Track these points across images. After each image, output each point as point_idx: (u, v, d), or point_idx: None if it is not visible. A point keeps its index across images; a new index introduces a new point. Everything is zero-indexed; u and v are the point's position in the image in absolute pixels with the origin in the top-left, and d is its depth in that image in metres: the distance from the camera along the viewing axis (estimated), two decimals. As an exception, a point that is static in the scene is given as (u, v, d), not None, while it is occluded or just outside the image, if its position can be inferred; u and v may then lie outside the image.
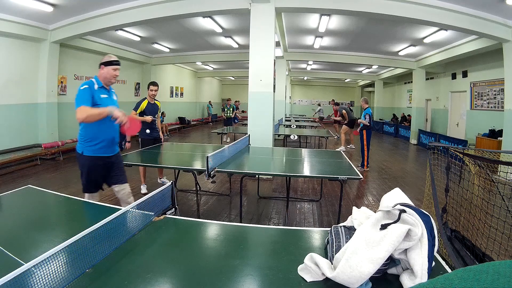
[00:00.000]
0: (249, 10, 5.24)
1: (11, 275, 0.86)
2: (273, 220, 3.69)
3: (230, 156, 3.55)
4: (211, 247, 1.38)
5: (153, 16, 5.86)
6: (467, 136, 9.21)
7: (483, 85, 8.80)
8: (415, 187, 5.27)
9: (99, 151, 2.44)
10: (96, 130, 2.40)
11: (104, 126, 2.41)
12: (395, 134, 13.67)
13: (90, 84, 2.38)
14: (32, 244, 1.36)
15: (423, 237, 0.99)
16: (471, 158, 2.46)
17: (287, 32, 8.22)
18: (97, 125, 2.36)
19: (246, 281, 1.09)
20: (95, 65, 9.11)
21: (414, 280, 0.96)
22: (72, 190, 4.63)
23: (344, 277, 0.96)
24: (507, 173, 2.12)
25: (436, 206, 2.55)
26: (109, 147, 2.51)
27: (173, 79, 14.17)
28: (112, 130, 2.50)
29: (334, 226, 1.25)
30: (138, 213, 1.51)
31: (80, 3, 5.75)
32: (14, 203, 1.94)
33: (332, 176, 2.84)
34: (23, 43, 6.57)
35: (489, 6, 5.30)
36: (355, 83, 20.87)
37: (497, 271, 0.48)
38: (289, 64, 13.98)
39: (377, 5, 5.23)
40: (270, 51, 5.32)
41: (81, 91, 2.31)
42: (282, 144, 7.63)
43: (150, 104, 4.58)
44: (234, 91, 21.43)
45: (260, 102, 5.41)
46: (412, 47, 8.95)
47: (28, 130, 6.92)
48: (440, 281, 0.50)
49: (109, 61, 2.45)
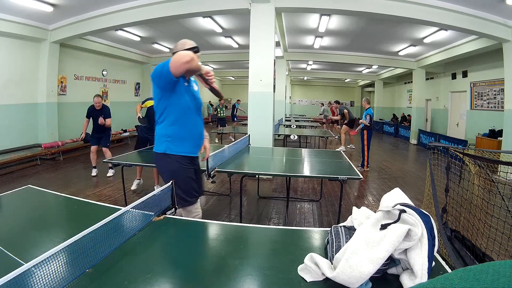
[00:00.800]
0: (249, 10, 5.24)
1: (11, 275, 0.86)
2: (273, 220, 3.68)
3: (230, 156, 3.55)
4: (211, 247, 1.38)
5: (153, 16, 5.86)
6: (467, 136, 9.21)
7: (483, 85, 8.80)
8: (415, 187, 5.27)
9: (186, 150, 2.03)
10: (184, 124, 2.00)
11: (193, 120, 2.06)
12: (395, 134, 13.67)
13: None
14: (32, 244, 1.36)
15: (423, 237, 0.99)
16: (471, 158, 2.46)
17: (287, 32, 8.22)
18: (186, 118, 2.01)
19: (246, 281, 1.09)
20: (95, 65, 9.15)
21: (414, 280, 0.96)
22: (72, 190, 4.64)
23: (344, 277, 0.96)
24: (507, 173, 2.12)
25: (436, 206, 2.56)
26: (197, 146, 2.14)
27: (173, 79, 14.14)
28: (201, 125, 2.15)
29: (334, 226, 1.24)
30: (138, 213, 1.51)
31: (80, 3, 5.75)
32: (14, 203, 1.94)
33: (332, 176, 2.84)
34: (23, 43, 6.57)
35: (489, 6, 5.30)
36: (355, 83, 20.87)
37: (497, 271, 0.48)
38: (289, 64, 13.98)
39: (377, 5, 5.23)
40: (270, 51, 5.32)
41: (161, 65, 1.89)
42: (282, 144, 7.63)
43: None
44: (234, 91, 21.42)
45: (260, 102, 5.41)
46: (412, 47, 8.95)
47: (28, 130, 6.92)
48: (440, 281, 0.50)
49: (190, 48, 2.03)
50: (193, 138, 2.07)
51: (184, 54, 1.80)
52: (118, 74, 10.11)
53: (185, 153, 2.02)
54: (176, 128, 1.99)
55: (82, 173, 5.94)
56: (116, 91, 10.02)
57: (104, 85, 9.50)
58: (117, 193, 4.54)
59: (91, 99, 5.69)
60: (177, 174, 1.96)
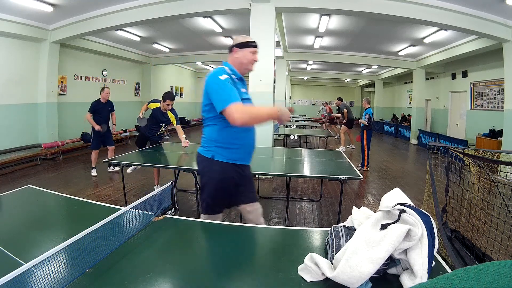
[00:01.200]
0: (249, 10, 5.24)
1: (11, 275, 0.86)
2: (273, 220, 3.68)
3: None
4: (211, 247, 1.38)
5: (153, 16, 5.85)
6: (467, 136, 9.21)
7: (483, 85, 8.80)
8: (415, 187, 5.27)
9: (236, 157, 1.87)
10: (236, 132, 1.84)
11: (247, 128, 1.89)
12: (395, 134, 13.67)
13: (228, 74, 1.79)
14: (32, 244, 1.36)
15: (423, 237, 0.99)
16: (471, 158, 2.46)
17: (287, 32, 8.22)
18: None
19: (246, 281, 1.09)
20: (95, 65, 9.14)
21: (414, 280, 0.96)
22: (72, 190, 4.64)
23: (344, 277, 0.96)
24: (507, 173, 2.12)
25: (436, 206, 2.56)
26: (249, 153, 2.00)
27: (173, 79, 14.17)
28: (253, 133, 2.01)
29: (334, 226, 1.24)
30: (138, 213, 1.51)
31: (80, 3, 5.75)
32: (14, 203, 1.94)
33: (332, 176, 2.84)
34: (23, 43, 6.57)
35: (489, 6, 5.30)
36: (355, 83, 20.87)
37: (497, 271, 0.48)
38: (289, 64, 13.98)
39: (377, 5, 5.23)
40: (270, 51, 5.32)
41: (222, 82, 1.71)
42: (282, 144, 7.63)
43: (159, 110, 4.35)
44: (234, 91, 21.36)
45: (260, 102, 5.40)
46: (412, 47, 8.95)
47: (28, 130, 6.92)
48: (440, 281, 0.50)
49: (246, 42, 1.90)
50: (245, 145, 1.93)
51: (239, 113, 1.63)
52: (118, 74, 10.11)
53: (235, 160, 1.87)
54: (227, 133, 1.82)
55: (82, 173, 5.94)
56: (116, 91, 10.00)
57: (104, 85, 9.48)
58: (117, 193, 4.54)
59: (91, 99, 5.69)
60: (218, 183, 1.85)
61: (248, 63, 1.91)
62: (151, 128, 4.56)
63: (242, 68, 1.91)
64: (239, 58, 1.89)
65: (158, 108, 4.37)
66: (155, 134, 4.58)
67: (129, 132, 10.13)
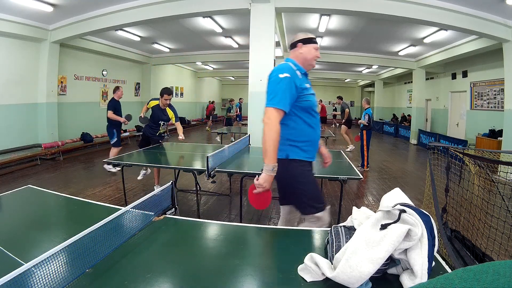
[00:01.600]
0: (249, 10, 5.24)
1: (11, 275, 0.86)
2: (273, 220, 3.68)
3: (230, 156, 3.55)
4: (211, 247, 1.38)
5: (153, 16, 5.85)
6: (467, 136, 9.21)
7: (483, 85, 8.80)
8: (415, 187, 5.27)
9: (308, 155, 1.85)
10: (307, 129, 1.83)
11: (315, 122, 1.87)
12: (395, 134, 13.67)
13: (291, 73, 1.73)
14: (32, 244, 1.36)
15: (423, 237, 0.99)
16: (471, 158, 2.46)
17: (287, 32, 8.22)
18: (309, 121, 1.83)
19: (246, 281, 1.09)
20: (95, 65, 9.15)
21: (414, 280, 0.96)
22: (72, 190, 4.64)
23: (344, 277, 0.96)
24: (507, 173, 2.12)
25: (436, 206, 2.56)
26: (316, 151, 1.96)
27: (173, 79, 14.17)
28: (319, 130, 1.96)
29: (334, 226, 1.24)
30: (138, 213, 1.51)
31: (80, 3, 5.75)
32: (14, 203, 1.94)
33: (332, 176, 2.84)
34: (23, 43, 6.57)
35: (489, 6, 5.30)
36: (355, 83, 20.87)
37: (497, 271, 0.48)
38: (289, 64, 13.96)
39: (377, 5, 5.23)
40: (270, 51, 5.32)
41: (281, 80, 1.69)
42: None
43: (158, 107, 4.44)
44: (234, 91, 21.41)
45: (261, 102, 5.38)
46: (412, 47, 8.95)
47: (28, 130, 6.92)
48: (440, 281, 0.50)
49: (309, 38, 1.88)
50: (314, 142, 1.90)
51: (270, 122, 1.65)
52: (118, 74, 10.11)
53: (308, 158, 1.85)
54: (299, 131, 1.81)
55: (82, 173, 5.94)
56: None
57: (104, 85, 9.50)
58: (117, 193, 4.54)
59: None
60: (301, 180, 1.81)
61: (312, 59, 1.89)
62: (152, 128, 4.60)
63: (306, 63, 1.89)
64: (303, 54, 1.87)
65: (157, 105, 4.48)
66: (155, 133, 4.62)
67: (129, 132, 10.13)
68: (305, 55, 1.86)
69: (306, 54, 1.86)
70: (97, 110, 9.14)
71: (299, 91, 1.74)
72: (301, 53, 1.87)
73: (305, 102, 1.80)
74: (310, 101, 1.83)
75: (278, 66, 1.78)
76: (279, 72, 1.72)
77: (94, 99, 9.07)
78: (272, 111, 1.66)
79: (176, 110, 4.60)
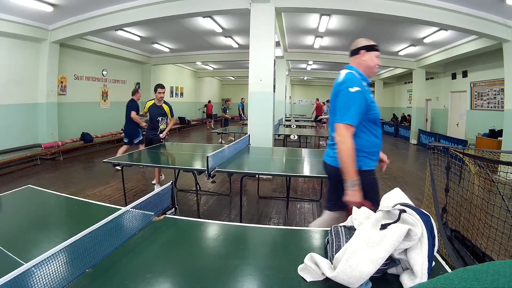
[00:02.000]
0: (249, 10, 5.24)
1: (11, 275, 0.86)
2: (273, 220, 3.68)
3: (230, 156, 3.55)
4: (211, 247, 1.38)
5: (153, 16, 5.85)
6: (467, 136, 9.21)
7: (483, 85, 8.80)
8: (415, 187, 5.27)
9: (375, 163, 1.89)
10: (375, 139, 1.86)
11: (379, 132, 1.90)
12: (395, 134, 13.67)
13: (361, 86, 1.74)
14: (32, 244, 1.36)
15: (423, 237, 0.99)
16: (471, 158, 2.46)
17: (287, 32, 8.22)
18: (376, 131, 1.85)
19: (246, 281, 1.09)
20: (95, 65, 9.15)
21: (414, 280, 0.96)
22: (72, 190, 4.64)
23: (344, 277, 0.96)
24: (507, 173, 2.12)
25: (436, 206, 2.56)
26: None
27: (173, 79, 14.16)
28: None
29: (334, 226, 1.25)
30: (138, 213, 1.51)
31: (80, 3, 5.75)
32: (14, 203, 1.94)
33: (332, 176, 2.83)
34: (23, 43, 6.57)
35: (489, 6, 5.30)
36: (355, 83, 20.84)
37: (497, 271, 0.48)
38: (289, 64, 13.97)
39: (377, 5, 5.23)
40: (270, 51, 5.32)
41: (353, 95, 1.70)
42: (282, 144, 7.63)
43: (155, 106, 4.69)
44: (234, 91, 21.42)
45: (260, 102, 5.41)
46: (412, 47, 8.95)
47: (28, 130, 6.92)
48: (440, 281, 0.50)
49: (372, 45, 1.87)
50: (379, 151, 1.93)
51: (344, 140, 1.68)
52: (118, 74, 10.11)
53: (375, 167, 1.89)
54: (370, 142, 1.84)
55: (82, 173, 5.94)
56: (116, 91, 10.02)
57: (104, 85, 9.49)
58: (117, 193, 4.54)
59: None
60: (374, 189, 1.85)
61: (374, 67, 1.87)
62: (153, 129, 4.74)
63: (368, 71, 1.88)
64: (366, 61, 1.86)
65: (153, 104, 4.70)
66: (157, 133, 4.75)
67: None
68: (368, 62, 1.85)
69: (369, 61, 1.85)
70: (97, 110, 9.14)
71: (368, 105, 1.76)
72: (364, 60, 1.86)
73: (374, 115, 1.83)
74: (377, 113, 1.86)
75: (347, 77, 1.77)
76: (349, 85, 1.72)
77: (94, 99, 9.07)
78: (343, 128, 1.69)
79: (171, 106, 4.86)
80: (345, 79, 1.77)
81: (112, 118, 9.68)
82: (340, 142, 1.70)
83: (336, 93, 1.80)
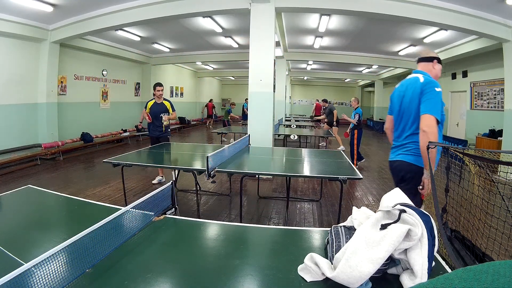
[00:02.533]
0: (249, 10, 5.24)
1: (11, 275, 0.86)
2: (273, 220, 3.68)
3: (230, 156, 3.55)
4: (211, 247, 1.38)
5: (153, 16, 5.86)
6: (467, 136, 9.21)
7: (483, 85, 8.79)
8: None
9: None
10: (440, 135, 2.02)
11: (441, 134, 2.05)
12: (395, 134, 13.64)
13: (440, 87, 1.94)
14: (32, 244, 1.36)
15: (423, 237, 0.99)
16: (471, 158, 2.46)
17: (287, 32, 8.22)
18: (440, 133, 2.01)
19: (246, 281, 1.09)
20: (95, 65, 9.14)
21: (414, 280, 0.96)
22: (72, 190, 4.64)
23: (344, 277, 0.96)
24: (507, 173, 2.12)
25: (436, 206, 2.55)
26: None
27: (173, 79, 14.16)
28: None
29: (334, 226, 1.24)
30: (138, 213, 1.51)
31: (80, 3, 5.75)
32: (14, 203, 1.94)
33: (332, 176, 2.84)
34: (23, 43, 6.57)
35: (489, 6, 5.30)
36: (355, 83, 20.86)
37: (497, 271, 0.48)
38: (289, 64, 13.97)
39: (377, 5, 5.23)
40: (270, 51, 5.32)
41: (439, 94, 1.89)
42: (282, 144, 7.63)
43: (155, 104, 4.86)
44: (234, 91, 21.42)
45: (260, 102, 5.41)
46: (412, 47, 8.95)
47: (28, 130, 6.92)
48: (440, 281, 0.50)
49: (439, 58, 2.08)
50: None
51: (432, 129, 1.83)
52: (118, 74, 10.11)
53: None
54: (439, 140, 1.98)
55: (82, 173, 5.94)
56: (116, 91, 10.03)
57: (104, 85, 9.50)
58: (117, 193, 4.54)
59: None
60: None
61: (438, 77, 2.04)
62: (157, 126, 4.84)
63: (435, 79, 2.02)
64: (436, 71, 2.04)
65: (154, 103, 4.85)
66: (161, 130, 4.87)
67: (129, 132, 10.14)
68: (437, 72, 2.04)
69: (438, 71, 2.04)
70: (97, 110, 9.15)
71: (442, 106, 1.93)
72: (435, 69, 2.04)
73: (443, 116, 1.98)
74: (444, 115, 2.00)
75: (429, 79, 1.93)
76: (435, 85, 1.90)
77: (94, 99, 9.08)
78: (433, 120, 1.84)
79: (171, 102, 4.99)
80: (429, 80, 1.92)
81: (112, 118, 9.69)
82: (429, 133, 1.81)
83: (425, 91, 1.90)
